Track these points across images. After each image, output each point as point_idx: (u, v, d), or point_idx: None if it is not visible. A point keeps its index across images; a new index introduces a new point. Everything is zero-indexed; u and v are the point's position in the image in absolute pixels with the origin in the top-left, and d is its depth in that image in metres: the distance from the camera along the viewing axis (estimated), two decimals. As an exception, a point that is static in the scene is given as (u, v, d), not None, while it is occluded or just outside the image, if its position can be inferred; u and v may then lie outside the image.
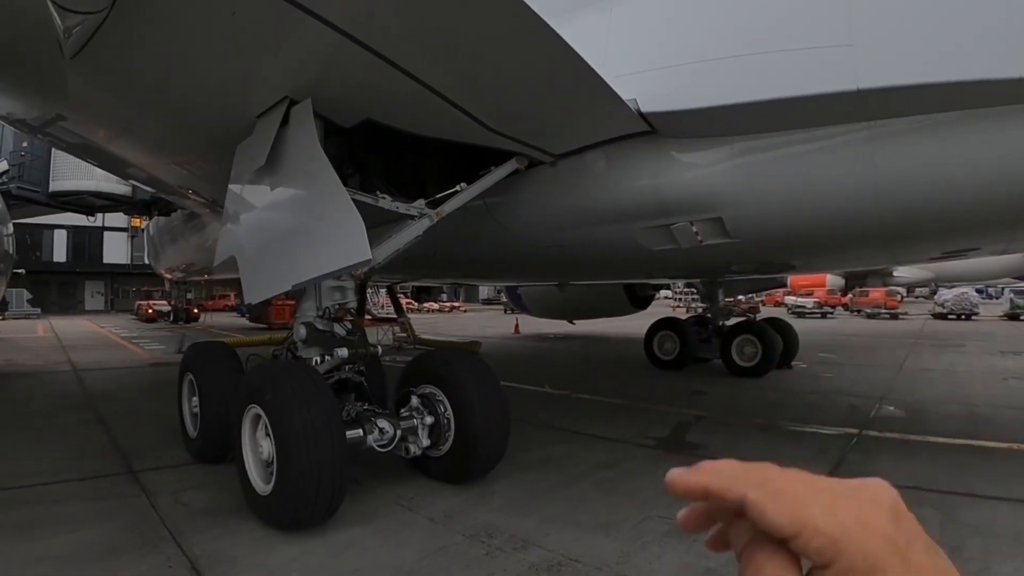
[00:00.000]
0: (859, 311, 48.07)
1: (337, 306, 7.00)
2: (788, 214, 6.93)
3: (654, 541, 5.39)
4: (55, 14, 4.42)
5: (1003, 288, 52.83)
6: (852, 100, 5.83)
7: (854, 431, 9.52)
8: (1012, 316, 41.99)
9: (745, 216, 7.05)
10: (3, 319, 30.06)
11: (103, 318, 45.28)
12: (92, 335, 28.44)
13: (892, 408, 11.43)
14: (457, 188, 7.03)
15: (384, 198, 6.67)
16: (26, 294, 44.78)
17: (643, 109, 6.57)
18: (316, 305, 6.88)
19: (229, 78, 6.02)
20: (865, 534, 0.60)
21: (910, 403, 11.95)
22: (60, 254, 53.66)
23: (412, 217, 6.77)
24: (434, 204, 6.93)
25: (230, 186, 6.75)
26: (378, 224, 6.22)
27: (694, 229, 7.39)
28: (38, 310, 46.23)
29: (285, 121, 6.19)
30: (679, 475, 0.67)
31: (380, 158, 7.18)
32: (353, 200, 5.77)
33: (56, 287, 54.37)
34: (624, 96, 6.33)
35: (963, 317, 42.13)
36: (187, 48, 5.59)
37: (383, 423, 6.39)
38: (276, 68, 5.84)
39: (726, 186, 6.87)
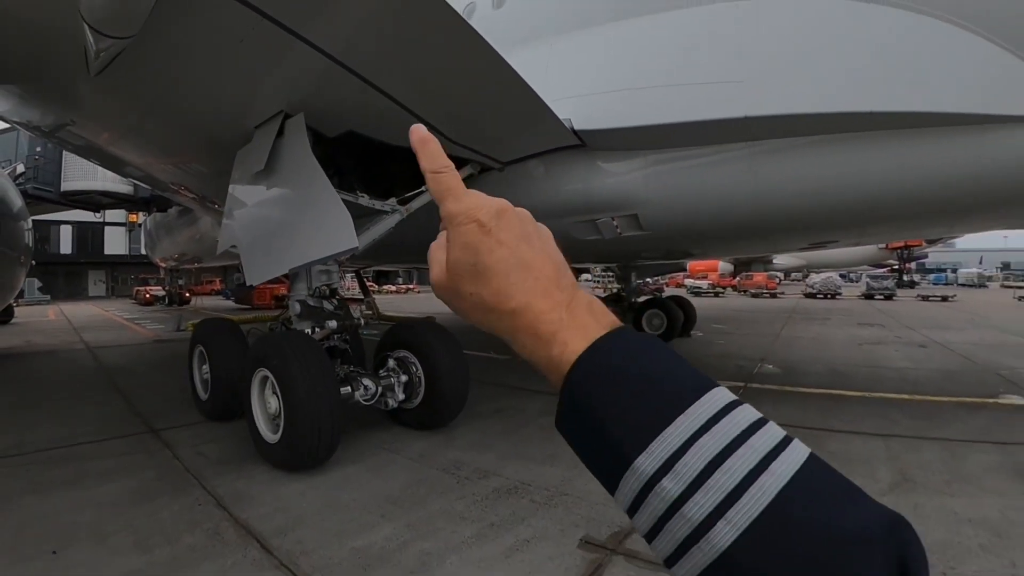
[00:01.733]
0: (745, 291, 48.91)
1: (325, 286, 7.09)
2: (689, 212, 7.23)
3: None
4: (90, 37, 4.34)
5: (861, 273, 54.78)
6: (740, 125, 6.20)
7: (741, 384, 9.95)
8: (868, 296, 43.06)
9: (656, 213, 7.33)
10: (18, 305, 28.82)
11: (105, 303, 43.60)
12: (98, 318, 27.54)
13: (771, 366, 11.90)
14: (422, 189, 7.06)
15: (363, 196, 6.72)
16: (37, 283, 43.24)
17: (576, 127, 6.80)
18: (307, 286, 6.95)
19: (234, 94, 5.99)
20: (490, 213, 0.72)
21: (785, 362, 12.47)
22: (66, 247, 51.81)
23: (386, 212, 6.86)
24: (403, 202, 7.02)
25: (231, 186, 6.69)
26: (357, 217, 6.34)
27: (615, 223, 7.68)
28: (48, 297, 44.73)
29: (280, 131, 6.19)
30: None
31: (359, 163, 7.24)
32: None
33: (63, 276, 52.47)
34: (561, 116, 6.52)
35: (829, 296, 43.29)
36: (199, 69, 5.57)
37: (367, 381, 6.51)
38: (274, 87, 5.84)
39: (641, 189, 7.17)
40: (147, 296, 40.64)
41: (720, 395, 0.62)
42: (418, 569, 3.72)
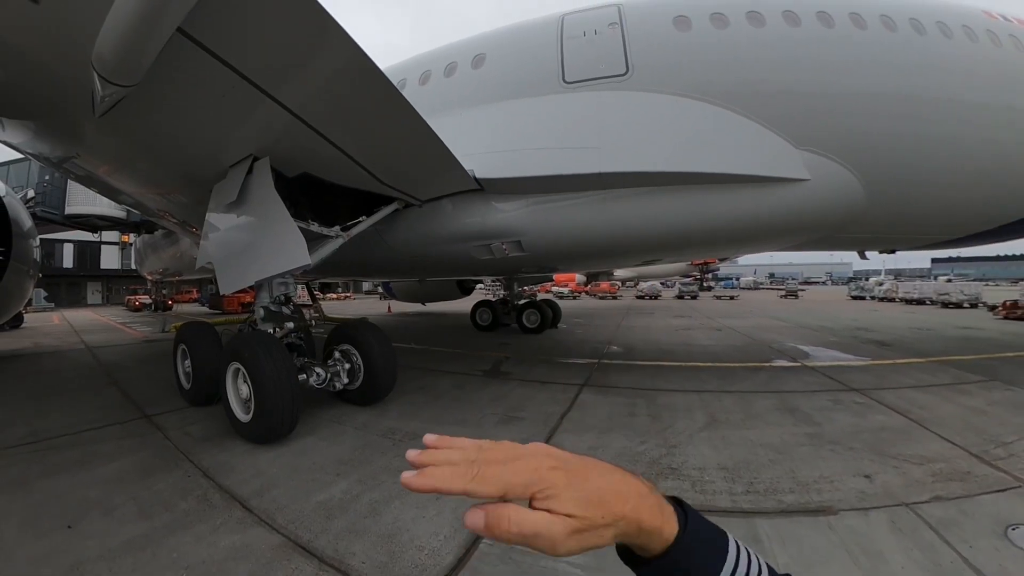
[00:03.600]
0: (595, 295, 50.17)
1: (283, 295, 6.78)
2: (558, 239, 7.48)
3: (491, 427, 5.75)
4: (98, 84, 4.01)
5: (675, 281, 57.77)
6: (597, 178, 6.54)
7: (595, 361, 10.28)
8: (680, 297, 45.36)
9: (534, 239, 7.48)
10: (27, 312, 26.04)
11: (101, 310, 39.84)
12: (96, 322, 25.06)
13: (616, 347, 12.34)
14: (360, 219, 7.02)
15: (314, 224, 6.54)
16: (43, 292, 39.44)
17: (477, 176, 6.84)
18: (269, 295, 6.62)
19: (213, 139, 5.62)
20: (542, 473, 0.69)
21: (625, 344, 12.99)
22: (68, 261, 47.40)
23: (331, 237, 6.69)
24: (345, 229, 6.85)
25: (208, 214, 6.29)
26: (309, 241, 6.12)
27: (504, 247, 7.74)
28: (52, 304, 40.88)
29: (250, 171, 5.94)
30: (411, 479, 0.70)
31: (310, 198, 7.05)
32: None
33: (65, 287, 47.84)
34: (466, 167, 6.57)
35: (653, 298, 44.94)
36: (186, 116, 5.23)
37: (319, 369, 6.30)
38: (246, 134, 5.55)
39: (524, 222, 7.31)
40: (137, 304, 38.10)
41: (731, 541, 0.78)
42: (370, 514, 3.59)
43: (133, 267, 27.67)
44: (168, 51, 3.76)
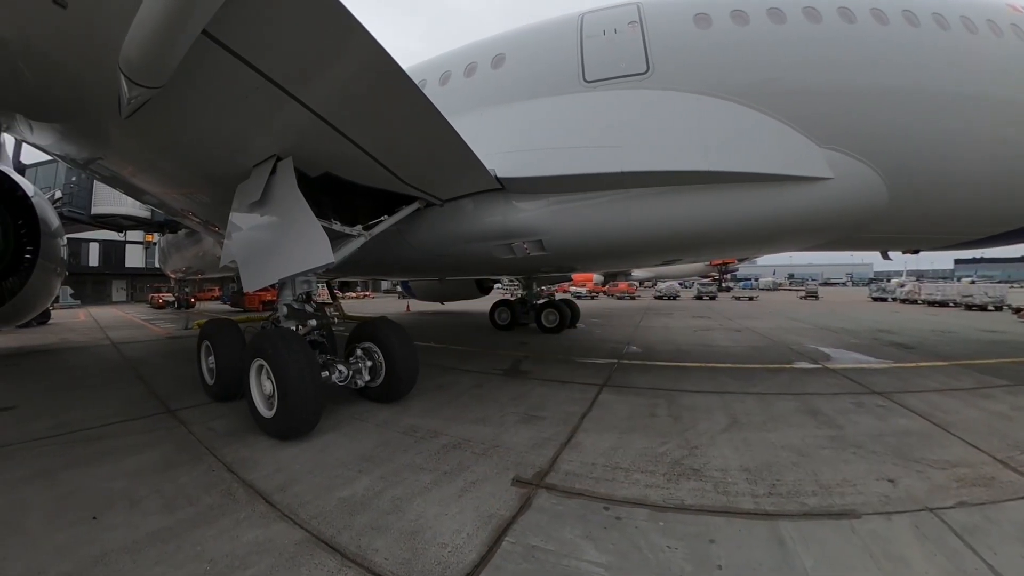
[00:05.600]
0: (613, 295, 49.78)
1: (305, 293, 6.85)
2: (579, 239, 7.42)
3: (511, 426, 5.68)
4: (124, 86, 4.05)
5: (694, 282, 57.27)
6: (618, 177, 6.50)
7: (615, 360, 10.18)
8: (698, 298, 45.02)
9: (555, 239, 7.42)
10: (55, 308, 26.79)
11: (126, 307, 40.54)
12: (121, 319, 25.49)
13: (635, 347, 12.22)
14: (382, 219, 7.06)
15: (336, 223, 6.57)
16: (70, 290, 39.96)
17: (498, 175, 6.86)
18: (292, 293, 6.69)
19: (238, 139, 5.69)
20: None
21: (644, 344, 12.87)
22: (94, 260, 48.59)
23: (353, 236, 6.72)
24: (367, 228, 6.89)
25: (232, 213, 6.36)
26: (332, 239, 6.16)
27: (525, 246, 7.71)
28: (79, 302, 41.43)
29: (273, 171, 5.99)
30: None
31: (333, 197, 7.10)
32: None
33: (91, 284, 48.85)
34: (487, 167, 6.59)
35: (671, 298, 44.41)
36: (211, 117, 5.29)
37: (341, 367, 6.32)
38: (270, 135, 5.61)
39: (545, 222, 7.28)
40: (160, 301, 38.47)
41: None
42: (392, 511, 3.59)
43: (157, 266, 28.32)
44: (193, 53, 3.81)
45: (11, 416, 6.45)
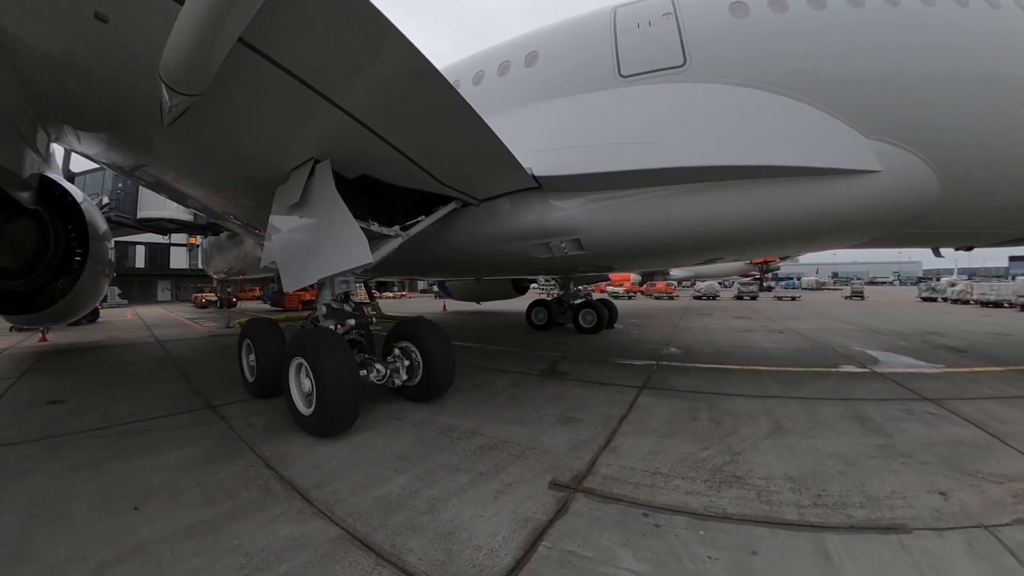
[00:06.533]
0: (650, 295, 49.16)
1: (344, 292, 6.95)
2: (618, 237, 7.28)
3: (549, 427, 5.60)
4: (165, 94, 4.18)
5: (734, 281, 55.99)
6: (657, 173, 6.36)
7: (654, 362, 9.97)
8: (739, 298, 43.80)
9: (593, 238, 7.31)
10: (103, 308, 28.43)
11: (170, 307, 42.37)
12: (165, 318, 26.55)
13: (674, 349, 11.95)
14: (419, 219, 7.11)
15: (373, 224, 6.64)
16: (117, 290, 42.25)
17: (535, 174, 6.80)
18: (331, 292, 6.78)
19: (276, 143, 5.82)
20: None
21: (683, 345, 12.58)
22: (140, 262, 51.21)
23: (390, 237, 6.78)
24: (404, 228, 6.94)
25: (271, 215, 6.51)
26: (369, 241, 6.23)
27: (562, 245, 7.62)
28: (126, 301, 43.67)
29: (311, 173, 6.09)
30: None
31: (370, 198, 7.17)
32: None
33: (138, 285, 51.46)
34: (524, 165, 6.53)
35: (711, 298, 43.44)
36: (249, 122, 5.42)
37: (379, 366, 6.36)
38: (307, 138, 5.71)
39: (583, 220, 7.17)
40: (203, 301, 39.81)
41: None
42: (428, 511, 3.59)
43: (200, 267, 29.37)
44: (231, 60, 3.92)
45: (62, 409, 6.76)
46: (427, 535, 3.25)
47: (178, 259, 53.03)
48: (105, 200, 16.52)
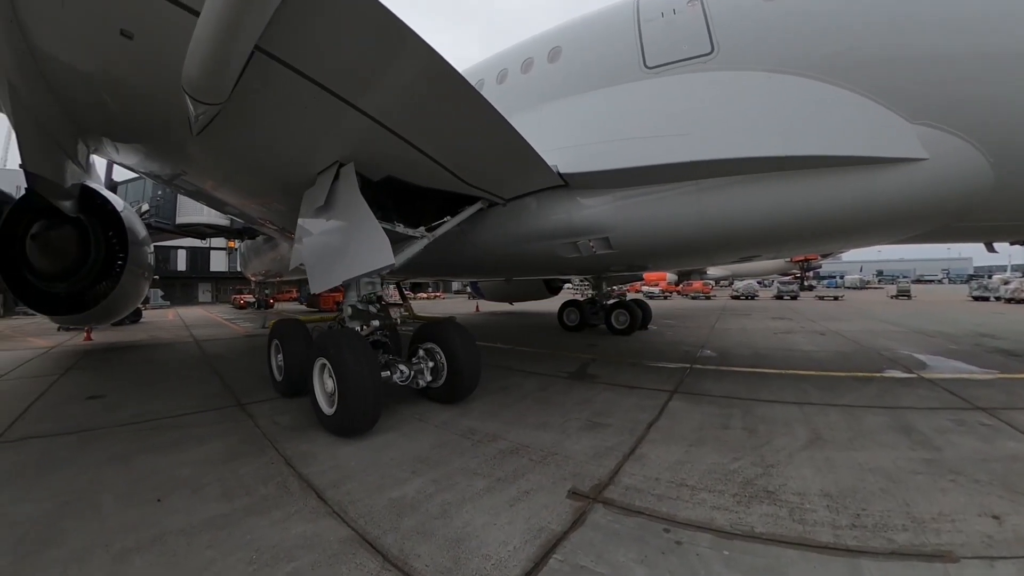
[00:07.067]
0: (686, 295, 48.21)
1: (370, 294, 6.94)
2: (648, 235, 7.06)
3: (573, 432, 5.43)
4: (190, 104, 4.35)
5: (773, 280, 54.53)
6: (687, 167, 6.12)
7: (687, 365, 9.66)
8: (778, 297, 42.79)
9: (623, 236, 7.13)
10: (146, 309, 30.02)
11: (210, 307, 44.01)
12: (204, 318, 27.55)
13: (709, 351, 11.57)
14: (444, 220, 7.09)
15: (398, 225, 6.67)
16: (160, 292, 44.34)
17: (561, 171, 6.69)
18: (357, 294, 6.80)
19: (301, 148, 5.90)
20: None
21: (719, 347, 12.18)
22: (182, 265, 53.79)
23: (416, 238, 6.78)
24: (430, 230, 6.93)
25: (300, 219, 6.60)
26: (395, 242, 6.21)
27: (591, 244, 7.46)
28: (168, 303, 45.65)
29: (336, 176, 6.13)
30: None
31: (394, 200, 7.18)
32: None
33: (179, 287, 53.85)
34: (549, 163, 6.43)
35: (749, 298, 42.38)
36: (274, 128, 5.49)
37: (402, 367, 6.34)
38: (331, 142, 5.75)
39: (611, 218, 7.01)
40: (241, 302, 41.23)
41: None
42: (440, 515, 3.50)
43: (239, 269, 30.33)
44: (252, 69, 4.05)
45: (100, 404, 7.06)
46: (437, 541, 3.17)
47: (218, 262, 55.28)
48: (145, 207, 17.40)
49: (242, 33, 3.51)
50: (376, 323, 6.83)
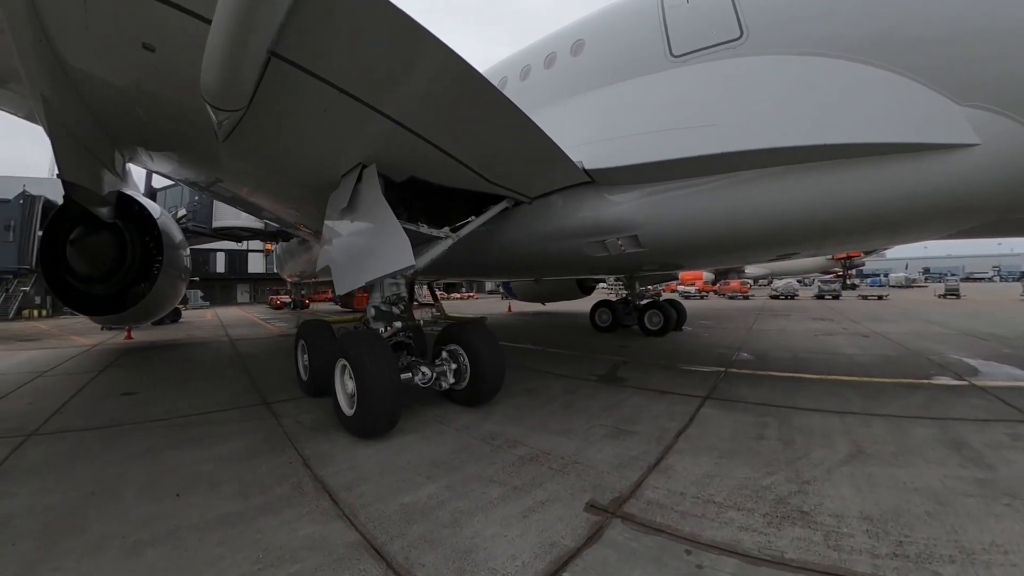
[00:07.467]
0: (724, 295, 47.05)
1: (394, 295, 6.89)
2: (679, 232, 6.79)
3: (597, 440, 5.25)
4: (211, 112, 4.43)
5: (814, 279, 52.79)
6: (718, 159, 5.81)
7: (722, 369, 9.33)
8: (819, 297, 41.36)
9: (652, 234, 6.89)
10: (186, 308, 31.34)
11: (248, 308, 45.32)
12: (241, 318, 28.39)
13: (746, 354, 11.18)
14: (469, 219, 7.04)
15: (423, 226, 6.66)
16: (200, 293, 46.29)
17: (587, 167, 6.50)
18: (381, 295, 6.80)
19: (324, 151, 5.93)
20: None
21: (756, 350, 11.74)
22: (220, 267, 55.56)
23: (441, 238, 6.75)
24: (455, 230, 6.88)
25: (325, 221, 6.64)
26: (419, 243, 6.16)
27: (619, 242, 7.25)
28: (208, 303, 47.53)
29: (359, 179, 6.13)
30: None
31: (419, 200, 7.14)
32: (403, 228, 5.69)
33: (219, 288, 55.61)
34: (575, 159, 6.26)
35: (789, 297, 41.16)
36: (296, 132, 5.54)
37: (425, 369, 6.29)
38: (354, 145, 5.76)
39: (640, 215, 6.77)
40: (278, 303, 42.04)
41: None
42: (450, 524, 3.40)
43: (275, 271, 31.16)
44: (269, 74, 4.11)
45: (132, 400, 7.31)
46: (443, 550, 3.06)
47: (255, 264, 57.04)
48: (182, 212, 18.24)
49: (252, 39, 3.54)
50: (399, 324, 6.79)
